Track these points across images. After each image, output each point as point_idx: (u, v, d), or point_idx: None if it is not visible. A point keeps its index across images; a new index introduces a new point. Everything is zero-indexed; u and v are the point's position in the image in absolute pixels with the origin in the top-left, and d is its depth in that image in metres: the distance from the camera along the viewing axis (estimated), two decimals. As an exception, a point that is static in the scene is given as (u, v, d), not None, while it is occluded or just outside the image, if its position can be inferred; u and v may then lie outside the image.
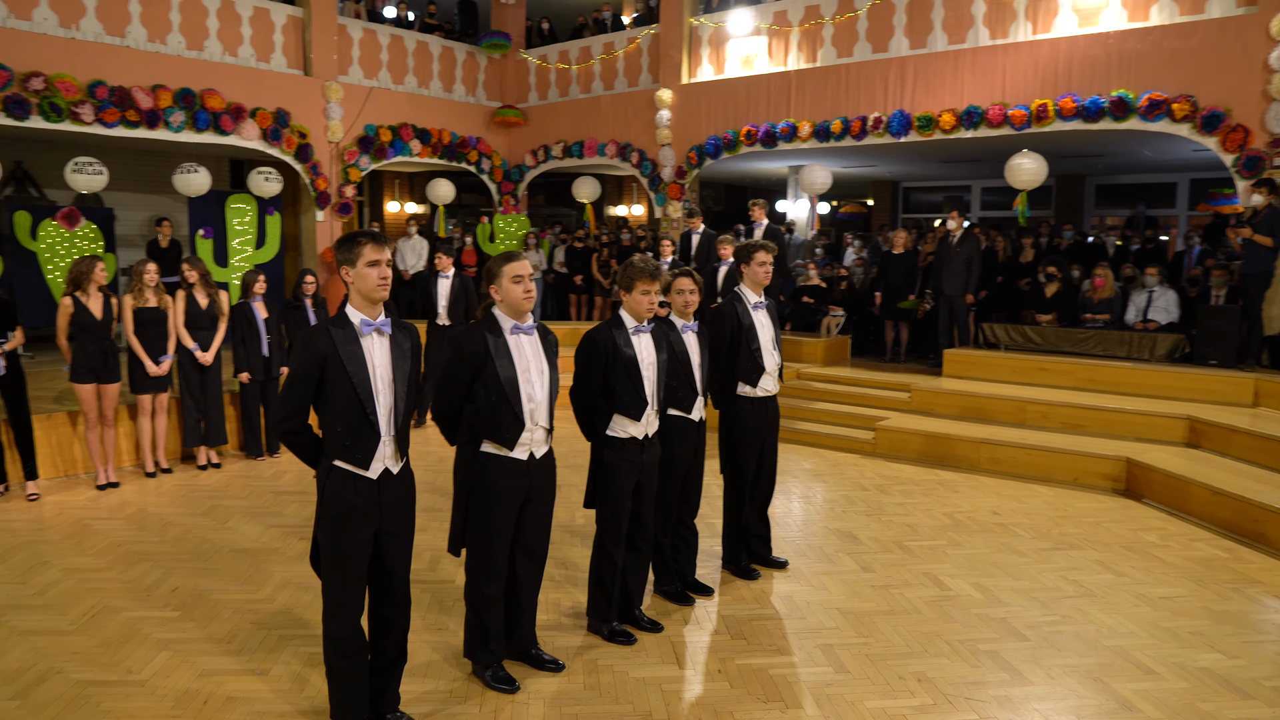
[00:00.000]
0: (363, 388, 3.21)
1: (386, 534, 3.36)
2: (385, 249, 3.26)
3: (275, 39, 11.68)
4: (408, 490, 3.44)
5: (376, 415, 3.24)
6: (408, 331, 3.41)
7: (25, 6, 9.56)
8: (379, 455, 3.28)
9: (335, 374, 3.19)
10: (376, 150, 12.60)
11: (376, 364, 3.26)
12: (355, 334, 3.23)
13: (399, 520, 3.40)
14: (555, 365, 3.96)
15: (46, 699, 3.84)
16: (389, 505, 3.33)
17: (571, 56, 13.86)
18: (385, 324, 3.29)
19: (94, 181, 9.87)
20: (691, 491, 4.96)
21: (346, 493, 3.25)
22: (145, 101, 10.20)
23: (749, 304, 5.17)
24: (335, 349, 3.19)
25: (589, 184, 13.58)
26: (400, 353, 3.33)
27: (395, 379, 3.30)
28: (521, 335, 3.84)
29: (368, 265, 3.22)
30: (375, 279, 3.22)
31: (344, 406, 3.21)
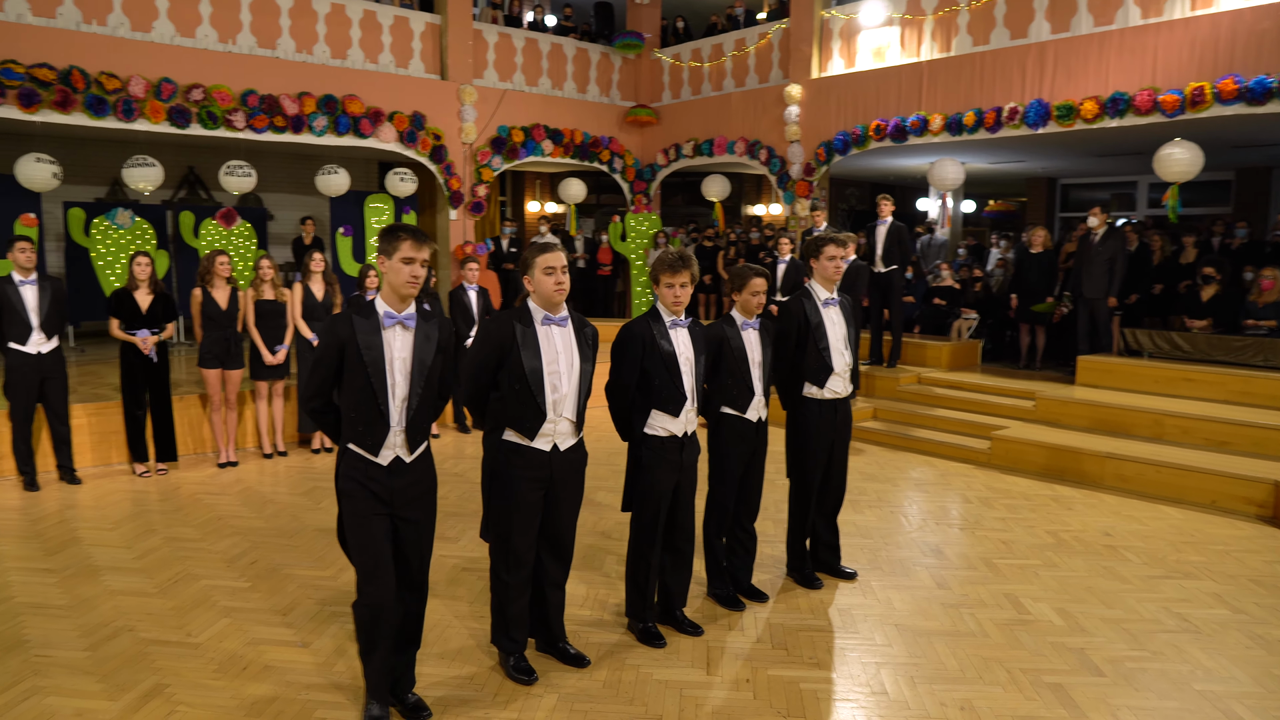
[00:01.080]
0: (376, 378, 3.27)
1: (400, 519, 3.41)
2: (424, 249, 3.29)
3: (414, 45, 12.21)
4: (423, 478, 3.46)
5: (388, 405, 3.29)
6: (439, 325, 3.43)
7: (189, 25, 10.41)
8: (389, 443, 3.33)
9: (352, 362, 3.27)
10: (509, 151, 12.94)
11: (395, 356, 3.30)
12: (378, 325, 3.29)
13: (412, 507, 3.43)
14: (591, 359, 3.90)
15: (111, 653, 4.13)
16: (401, 491, 3.37)
17: (704, 54, 13.76)
18: (410, 318, 3.33)
19: (244, 183, 10.62)
20: (749, 494, 4.78)
21: (358, 474, 3.34)
22: (291, 108, 10.89)
23: (818, 301, 4.93)
24: (354, 337, 3.26)
25: (718, 182, 13.44)
26: (425, 346, 3.36)
27: (413, 372, 3.33)
28: (553, 327, 3.80)
29: (402, 261, 3.26)
30: (406, 276, 3.27)
31: (358, 394, 3.29)
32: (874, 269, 9.68)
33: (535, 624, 4.12)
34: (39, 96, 9.24)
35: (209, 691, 3.80)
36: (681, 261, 4.15)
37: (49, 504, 6.43)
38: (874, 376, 9.63)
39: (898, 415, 8.96)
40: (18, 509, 6.31)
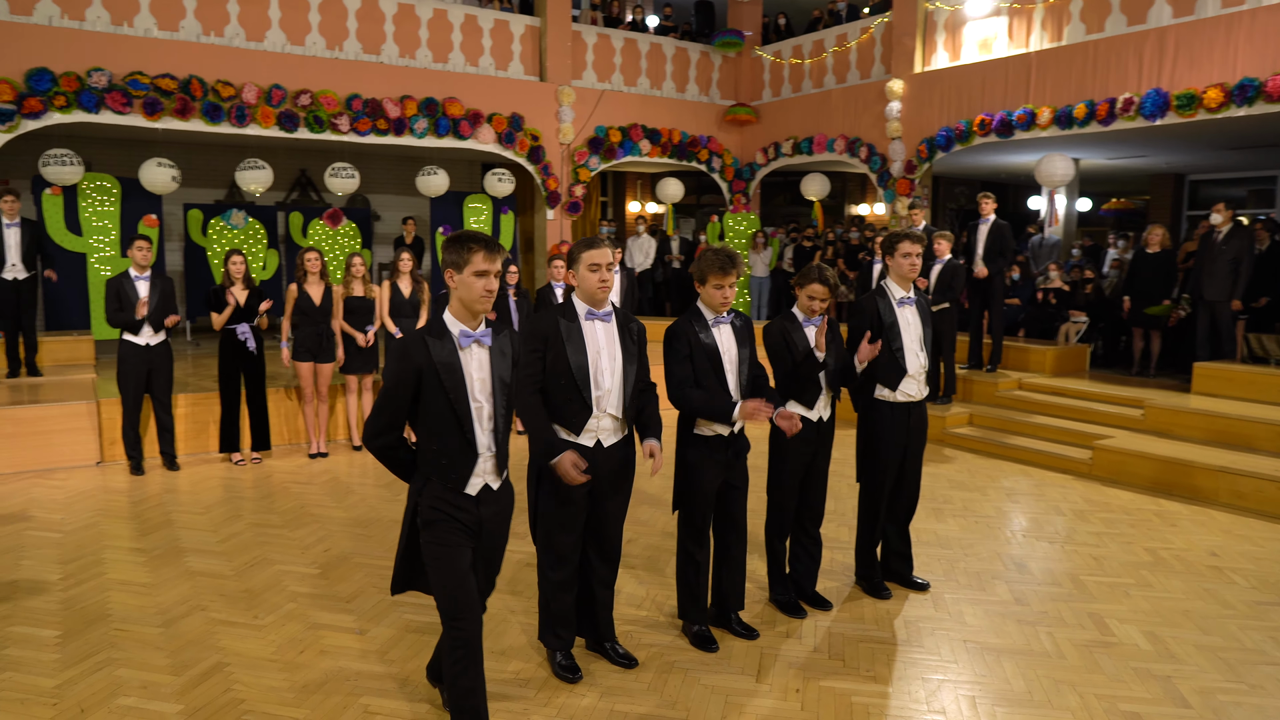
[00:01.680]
0: (460, 405, 3.01)
1: (484, 539, 3.20)
2: (497, 260, 3.01)
3: (513, 48, 12.41)
4: (507, 506, 3.27)
5: (474, 434, 3.04)
6: (508, 337, 3.21)
7: (299, 34, 10.86)
8: (478, 472, 3.09)
9: (431, 390, 2.99)
10: (606, 151, 13.01)
11: (475, 378, 3.05)
12: (454, 346, 3.02)
13: (498, 526, 3.24)
14: (637, 355, 3.85)
15: (181, 631, 4.31)
16: (489, 519, 3.16)
17: (804, 51, 13.50)
18: (485, 335, 3.08)
19: (348, 184, 11.01)
20: (813, 497, 4.63)
21: (445, 504, 3.07)
22: (393, 111, 11.23)
23: (893, 299, 4.73)
24: (432, 362, 2.98)
25: (817, 181, 13.16)
26: (502, 363, 3.13)
27: (494, 391, 3.10)
28: (597, 322, 3.77)
29: (474, 274, 2.98)
30: (480, 290, 3.00)
31: (440, 425, 3.02)
32: (973, 269, 9.28)
33: (583, 623, 4.09)
34: (161, 105, 9.80)
35: (264, 672, 3.91)
36: (731, 262, 4.04)
37: (150, 488, 6.79)
38: (971, 381, 9.23)
39: (994, 421, 8.56)
40: (123, 491, 6.69)
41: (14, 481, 6.86)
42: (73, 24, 9.59)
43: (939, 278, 8.65)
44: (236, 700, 3.68)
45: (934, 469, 7.59)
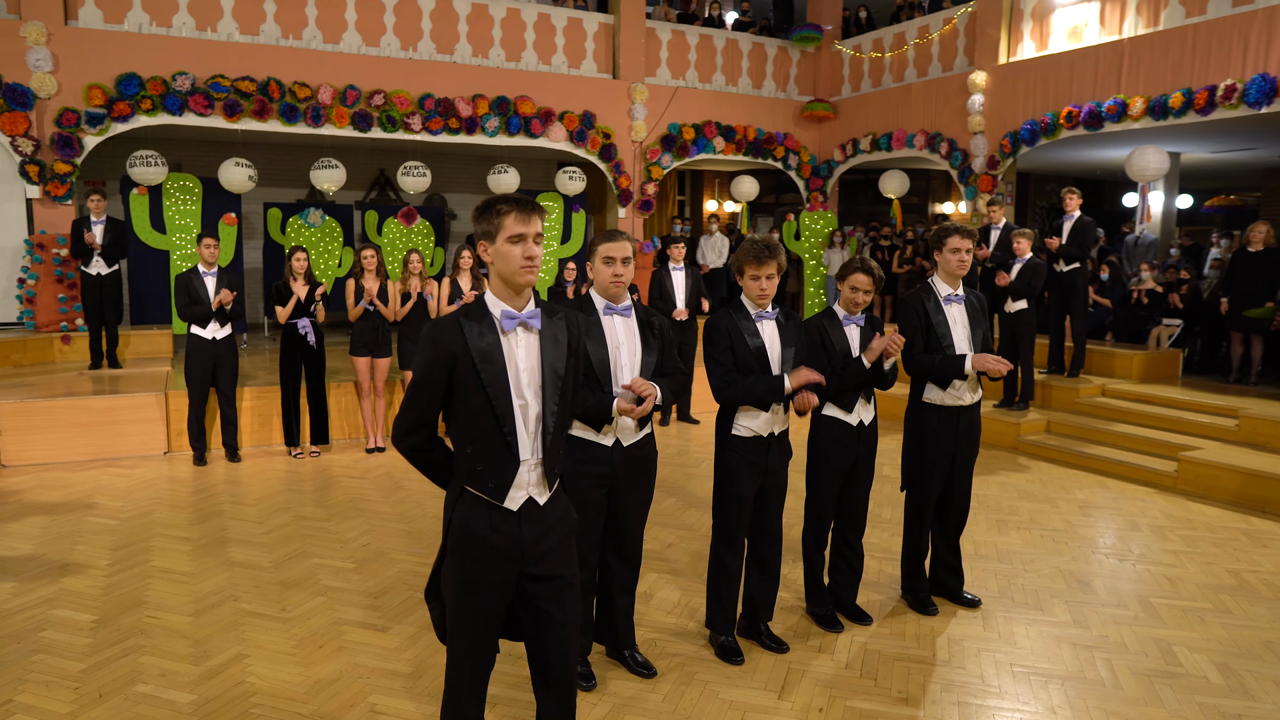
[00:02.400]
0: (499, 399, 2.47)
1: (532, 579, 2.59)
2: (535, 220, 2.50)
3: (586, 46, 12.38)
4: (560, 524, 2.63)
5: (515, 435, 2.50)
6: (565, 323, 2.63)
7: (375, 35, 11.05)
8: (519, 482, 2.53)
9: (466, 380, 2.47)
10: (679, 148, 12.85)
11: (521, 367, 2.51)
12: (495, 328, 2.50)
13: (548, 561, 2.59)
14: (659, 350, 3.68)
15: (210, 621, 4.35)
16: (535, 542, 2.56)
17: (885, 44, 13.08)
18: (534, 316, 2.54)
19: (419, 183, 11.14)
20: (853, 506, 4.39)
21: (479, 524, 2.53)
22: (465, 110, 11.32)
23: (940, 297, 4.45)
24: (467, 348, 2.47)
25: (896, 178, 12.73)
26: (555, 351, 2.56)
27: (545, 386, 2.53)
28: (615, 316, 3.63)
29: (509, 241, 2.47)
30: (520, 259, 2.46)
31: (475, 422, 2.50)
32: (1055, 267, 8.80)
33: (602, 629, 3.96)
34: (240, 106, 10.09)
35: (281, 666, 3.90)
36: (767, 251, 3.84)
37: (210, 479, 6.95)
38: (1050, 386, 8.74)
39: (1073, 429, 8.07)
40: (183, 481, 6.86)
41: (85, 469, 7.11)
42: (160, 31, 9.96)
43: (1018, 277, 8.23)
44: (248, 693, 3.67)
45: (1004, 478, 7.20)
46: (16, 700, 3.62)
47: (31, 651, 4.03)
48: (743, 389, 3.81)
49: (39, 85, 9.31)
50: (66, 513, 6.03)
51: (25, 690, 3.69)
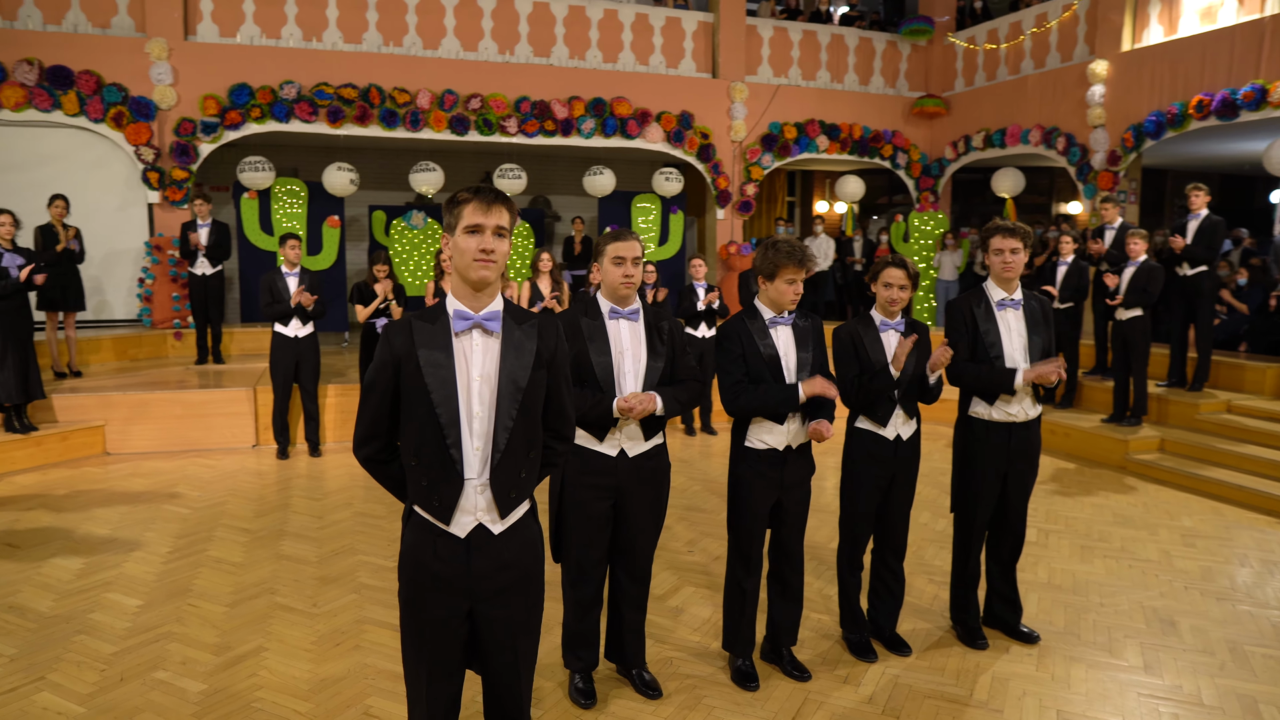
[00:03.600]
0: (444, 408, 2.25)
1: (484, 618, 2.37)
2: (496, 211, 2.27)
3: (685, 45, 12.23)
4: (521, 559, 2.39)
5: (460, 450, 2.27)
6: (538, 330, 2.38)
7: (473, 40, 11.25)
8: (464, 506, 2.30)
9: (412, 385, 2.28)
10: (780, 148, 12.53)
11: (474, 375, 2.29)
12: (447, 330, 2.30)
13: (501, 600, 2.37)
14: (667, 356, 3.51)
15: (244, 612, 4.44)
16: (486, 577, 2.34)
17: (1001, 34, 12.37)
18: (493, 318, 2.31)
19: (514, 185, 11.25)
20: (893, 526, 4.09)
21: (424, 551, 2.34)
22: (561, 112, 11.37)
23: (992, 301, 4.09)
24: (414, 350, 2.28)
25: (1010, 176, 12.00)
26: (516, 360, 2.32)
27: (500, 397, 2.29)
28: (621, 320, 3.48)
29: (466, 231, 2.26)
30: (473, 251, 2.25)
31: (421, 433, 2.29)
32: (1179, 271, 8.07)
33: (611, 645, 3.82)
34: (343, 113, 10.45)
35: (294, 661, 3.93)
36: (806, 255, 3.60)
37: (288, 472, 7.18)
38: (1168, 401, 8.01)
39: (1190, 449, 7.35)
40: (262, 474, 7.11)
41: (176, 459, 7.48)
42: (270, 42, 10.43)
43: (1131, 281, 7.59)
44: (256, 686, 3.71)
45: (1103, 499, 6.62)
46: (47, 678, 3.78)
47: (76, 631, 4.21)
48: (754, 399, 3.58)
49: (160, 97, 9.89)
50: (149, 500, 6.34)
51: (58, 669, 3.85)
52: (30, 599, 4.59)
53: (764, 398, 3.57)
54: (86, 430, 7.41)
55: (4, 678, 3.80)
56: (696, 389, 3.63)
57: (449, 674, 2.41)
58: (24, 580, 4.84)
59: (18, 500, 6.28)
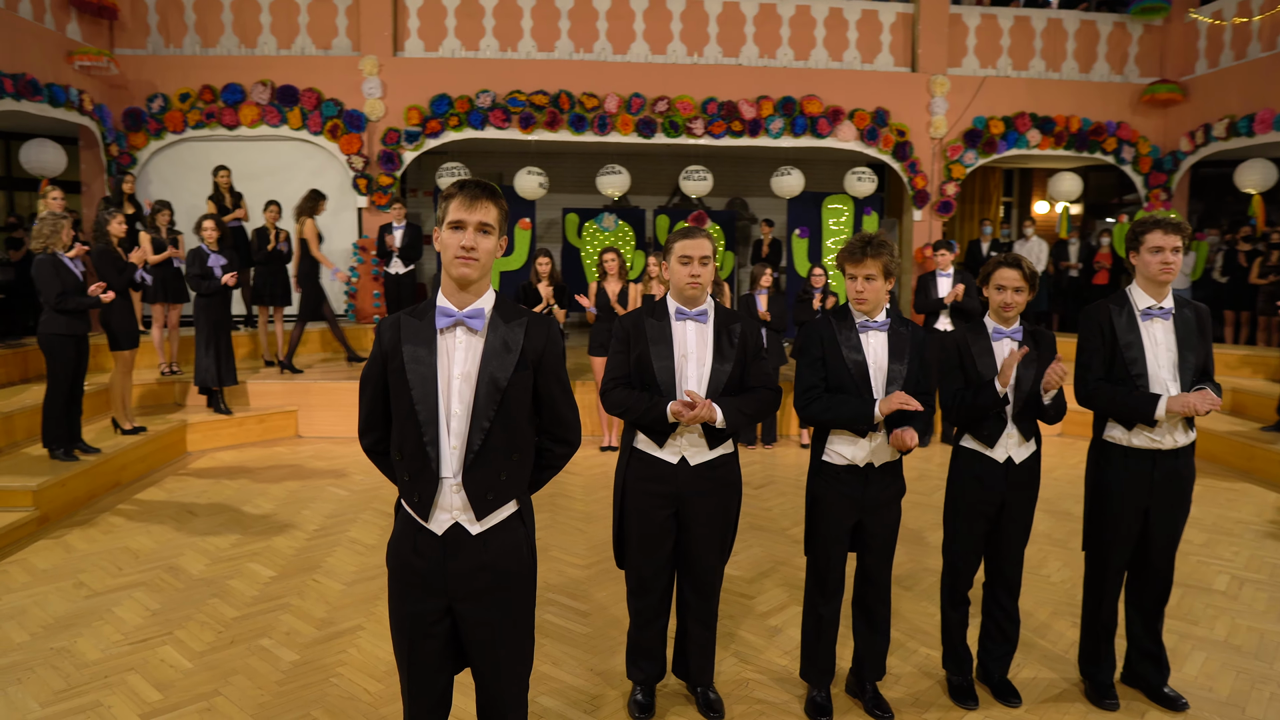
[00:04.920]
0: (424, 404, 2.25)
1: (464, 618, 2.35)
2: (482, 207, 2.24)
3: (882, 39, 11.67)
4: (501, 560, 2.34)
5: (438, 447, 2.26)
6: (525, 329, 2.34)
7: (661, 43, 11.33)
8: (442, 503, 2.29)
9: (397, 379, 2.30)
10: (984, 144, 11.66)
11: (455, 373, 2.27)
12: (431, 327, 2.29)
13: (480, 602, 2.33)
14: (735, 360, 3.31)
15: (357, 592, 4.70)
16: (463, 578, 2.31)
17: (1254, 5, 10.82)
18: (476, 316, 2.28)
19: (699, 187, 11.20)
20: (1004, 560, 3.65)
21: (404, 545, 2.35)
22: (749, 112, 11.20)
23: (1136, 310, 3.54)
24: (399, 345, 2.29)
25: (1257, 169, 10.48)
26: (499, 359, 2.28)
27: (478, 396, 2.26)
28: (688, 322, 3.33)
29: (450, 227, 2.25)
30: (454, 248, 2.23)
31: (403, 428, 2.31)
32: None
33: (678, 660, 3.67)
34: (534, 119, 10.86)
35: (382, 644, 4.07)
36: (867, 248, 3.30)
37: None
38: None
39: None
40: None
41: (352, 444, 8.05)
42: (469, 54, 11.03)
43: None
44: (340, 663, 3.90)
45: (1327, 548, 5.61)
46: (174, 633, 4.18)
47: (212, 595, 4.62)
48: (824, 408, 3.32)
49: (370, 110, 10.73)
50: (316, 480, 6.87)
51: (185, 626, 4.24)
52: (188, 562, 5.09)
53: (836, 409, 3.30)
54: (282, 414, 8.16)
55: (142, 628, 4.23)
56: (769, 399, 3.41)
57: (433, 669, 2.39)
58: (189, 545, 5.37)
59: (212, 473, 7.01)
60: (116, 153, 10.36)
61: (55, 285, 5.72)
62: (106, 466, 6.31)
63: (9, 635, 4.16)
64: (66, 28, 9.90)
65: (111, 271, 6.39)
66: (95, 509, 6.00)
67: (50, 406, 5.92)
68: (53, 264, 5.73)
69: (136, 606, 4.47)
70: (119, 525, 5.71)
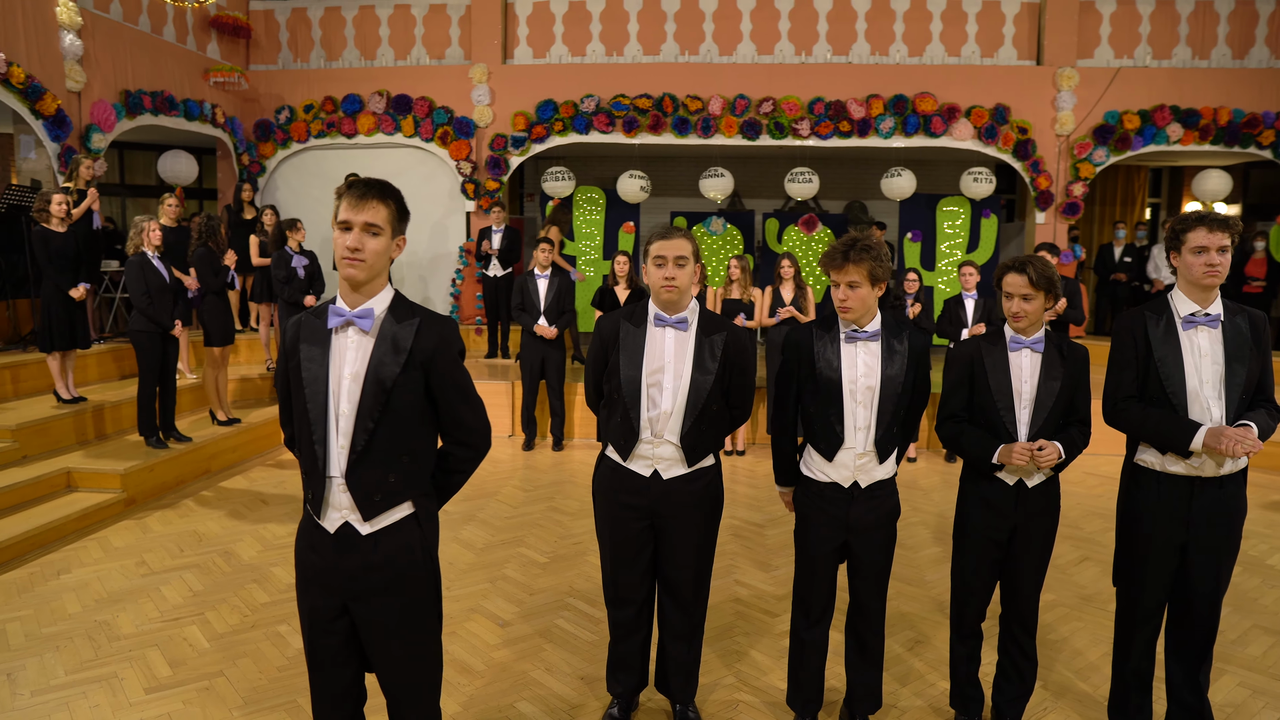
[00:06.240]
0: (313, 403, 2.27)
1: (358, 617, 2.35)
2: (369, 207, 2.23)
3: (1005, 31, 11.00)
4: (394, 561, 2.32)
5: (326, 446, 2.27)
6: (417, 329, 2.30)
7: (769, 43, 11.11)
8: (331, 501, 2.30)
9: (293, 379, 2.34)
10: (1117, 140, 10.79)
11: (345, 373, 2.28)
12: (326, 326, 2.31)
13: (373, 601, 2.33)
14: (713, 372, 3.11)
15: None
16: (355, 577, 2.30)
17: None
18: (365, 316, 2.27)
19: (805, 189, 10.91)
20: (1017, 594, 3.33)
21: (303, 540, 2.38)
22: (857, 112, 10.81)
23: (1177, 317, 3.14)
24: (298, 345, 2.33)
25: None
26: (385, 358, 2.27)
27: (364, 395, 2.25)
28: (667, 329, 3.14)
29: (339, 228, 2.26)
30: (340, 249, 2.24)
31: (298, 426, 2.35)
32: None
33: (659, 676, 3.55)
34: (637, 122, 10.87)
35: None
36: (847, 253, 3.08)
37: (524, 462, 7.63)
38: None
39: None
40: (501, 461, 7.62)
41: (436, 441, 8.27)
42: (575, 60, 11.17)
43: None
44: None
45: None
46: (205, 614, 4.42)
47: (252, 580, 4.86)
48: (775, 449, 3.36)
49: (479, 116, 11.04)
50: (392, 475, 7.08)
51: (217, 609, 4.48)
52: (243, 548, 5.36)
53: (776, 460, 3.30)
54: (373, 409, 8.47)
55: (180, 607, 4.49)
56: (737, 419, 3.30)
57: (335, 664, 2.40)
58: (249, 532, 5.66)
59: (296, 464, 7.35)
60: (247, 162, 11.10)
61: (140, 285, 6.14)
62: (197, 455, 6.74)
63: (65, 606, 4.49)
64: (207, 48, 10.69)
65: (208, 273, 6.82)
66: (181, 494, 6.42)
67: (142, 397, 6.38)
68: (140, 265, 6.16)
69: (182, 587, 4.74)
70: (195, 510, 6.08)
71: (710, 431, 3.17)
